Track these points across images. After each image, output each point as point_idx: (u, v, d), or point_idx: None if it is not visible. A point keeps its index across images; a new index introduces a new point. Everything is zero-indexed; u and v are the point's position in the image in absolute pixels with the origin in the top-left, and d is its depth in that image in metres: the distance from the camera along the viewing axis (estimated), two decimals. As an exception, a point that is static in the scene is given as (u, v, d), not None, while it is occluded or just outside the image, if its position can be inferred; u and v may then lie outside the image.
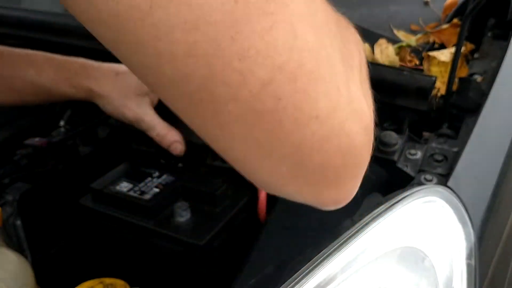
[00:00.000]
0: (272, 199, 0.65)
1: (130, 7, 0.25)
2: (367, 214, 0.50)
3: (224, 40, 0.26)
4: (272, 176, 0.32)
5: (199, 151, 0.73)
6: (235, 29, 0.26)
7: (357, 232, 0.49)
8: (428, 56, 0.83)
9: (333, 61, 0.30)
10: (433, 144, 0.63)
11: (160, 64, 0.27)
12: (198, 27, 0.25)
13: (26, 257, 0.63)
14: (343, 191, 0.35)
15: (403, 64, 0.85)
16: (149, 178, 0.69)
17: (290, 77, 0.27)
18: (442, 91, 0.71)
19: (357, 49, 0.37)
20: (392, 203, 0.51)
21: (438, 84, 0.72)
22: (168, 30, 0.25)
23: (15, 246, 0.66)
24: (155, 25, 0.25)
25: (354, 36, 0.38)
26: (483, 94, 0.68)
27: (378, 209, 0.51)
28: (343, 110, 0.30)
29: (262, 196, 0.67)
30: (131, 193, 0.66)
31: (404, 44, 0.89)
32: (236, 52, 0.26)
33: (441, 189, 0.55)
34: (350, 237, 0.48)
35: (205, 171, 0.72)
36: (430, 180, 0.57)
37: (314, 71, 0.28)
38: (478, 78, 0.73)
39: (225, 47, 0.26)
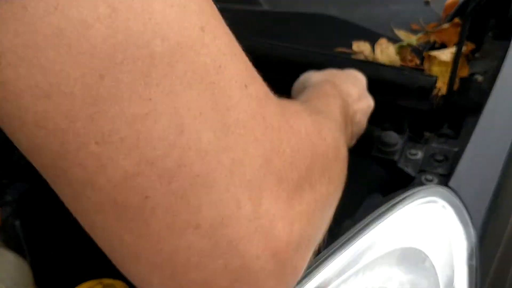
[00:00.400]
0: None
1: None
2: (367, 215, 0.50)
3: (80, 118, 0.22)
4: (144, 284, 0.27)
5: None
6: (95, 108, 0.22)
7: (357, 232, 0.48)
8: (429, 55, 0.83)
9: (242, 168, 0.25)
10: (434, 144, 0.63)
11: (12, 130, 0.23)
12: (50, 96, 0.21)
13: (25, 257, 0.63)
14: None
15: (404, 63, 0.85)
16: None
17: (163, 176, 0.23)
18: (443, 91, 0.71)
19: (320, 157, 0.32)
20: (392, 203, 0.51)
21: (439, 84, 0.71)
22: (17, 93, 0.21)
23: (14, 246, 0.66)
24: (3, 85, 0.21)
25: (323, 144, 0.33)
26: (484, 94, 0.68)
27: (378, 210, 0.51)
28: (239, 226, 0.25)
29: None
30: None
31: (404, 43, 0.89)
32: (94, 134, 0.22)
33: (442, 189, 0.55)
34: (350, 238, 0.48)
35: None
36: (431, 180, 0.57)
37: (202, 175, 0.23)
38: (479, 78, 0.73)
39: (81, 125, 0.22)
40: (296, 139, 0.29)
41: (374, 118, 0.71)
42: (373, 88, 0.70)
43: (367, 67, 0.72)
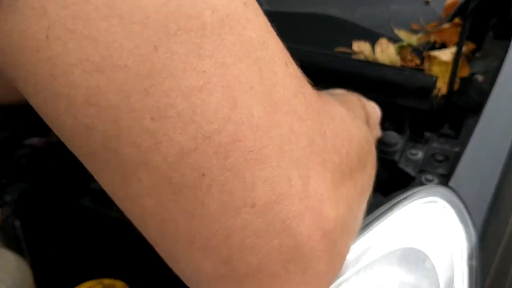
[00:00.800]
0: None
1: (25, 35, 0.21)
2: (367, 215, 0.50)
3: (134, 92, 0.21)
4: (195, 272, 0.25)
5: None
6: (150, 81, 0.21)
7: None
8: (429, 55, 0.82)
9: (290, 146, 0.25)
10: (434, 144, 0.63)
11: (58, 110, 0.22)
12: (103, 70, 0.20)
13: (24, 257, 0.63)
14: None
15: (404, 63, 0.85)
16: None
17: (219, 152, 0.22)
18: (443, 90, 0.71)
19: (357, 145, 0.32)
20: (393, 203, 0.51)
21: (439, 83, 0.71)
22: (66, 68, 0.21)
23: (14, 246, 0.66)
24: (51, 60, 0.21)
25: (358, 132, 0.33)
26: (485, 94, 0.68)
27: (378, 210, 0.51)
28: (291, 204, 0.24)
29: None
30: (131, 193, 0.66)
31: (405, 43, 0.89)
32: (150, 109, 0.21)
33: (442, 189, 0.54)
34: (350, 238, 0.48)
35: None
36: (431, 180, 0.57)
37: (255, 151, 0.23)
38: (480, 78, 0.73)
39: (136, 100, 0.21)
40: (333, 123, 0.29)
41: (375, 118, 0.71)
42: (373, 88, 0.70)
43: (367, 67, 0.72)
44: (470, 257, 0.53)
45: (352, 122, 0.33)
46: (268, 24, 0.26)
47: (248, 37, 0.24)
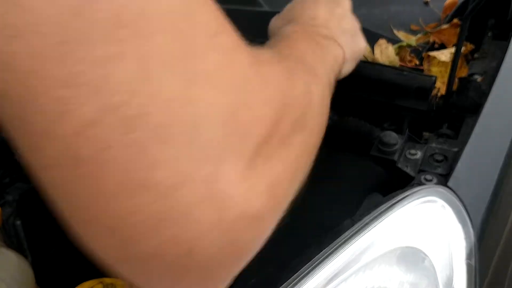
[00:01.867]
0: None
1: None
2: (367, 214, 0.51)
3: (50, 58, 0.20)
4: (100, 249, 0.25)
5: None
6: (67, 47, 0.20)
7: (357, 232, 0.49)
8: (428, 56, 0.83)
9: (205, 123, 0.23)
10: (433, 144, 0.63)
11: None
12: (22, 36, 0.20)
13: (26, 257, 0.63)
14: None
15: (403, 64, 0.85)
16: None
17: (124, 125, 0.21)
18: (442, 91, 0.71)
19: (296, 106, 0.30)
20: (392, 203, 0.52)
21: (438, 84, 0.72)
22: None
23: (15, 246, 0.66)
24: None
25: (300, 92, 0.32)
26: (483, 94, 0.68)
27: (378, 209, 0.51)
28: (196, 189, 0.23)
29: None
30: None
31: (404, 44, 0.89)
32: (63, 76, 0.21)
33: (441, 189, 0.55)
34: (350, 237, 0.48)
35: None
36: (430, 180, 0.57)
37: (163, 126, 0.22)
38: (478, 78, 0.73)
39: (51, 66, 0.21)
40: (267, 90, 0.28)
41: (374, 118, 0.71)
42: (372, 88, 0.70)
43: (367, 67, 0.73)
44: (468, 256, 0.53)
45: (288, 81, 0.32)
46: None
47: (172, 7, 0.23)
